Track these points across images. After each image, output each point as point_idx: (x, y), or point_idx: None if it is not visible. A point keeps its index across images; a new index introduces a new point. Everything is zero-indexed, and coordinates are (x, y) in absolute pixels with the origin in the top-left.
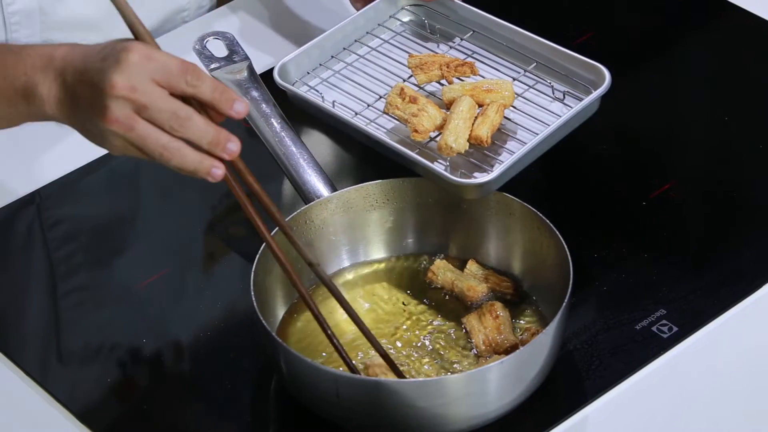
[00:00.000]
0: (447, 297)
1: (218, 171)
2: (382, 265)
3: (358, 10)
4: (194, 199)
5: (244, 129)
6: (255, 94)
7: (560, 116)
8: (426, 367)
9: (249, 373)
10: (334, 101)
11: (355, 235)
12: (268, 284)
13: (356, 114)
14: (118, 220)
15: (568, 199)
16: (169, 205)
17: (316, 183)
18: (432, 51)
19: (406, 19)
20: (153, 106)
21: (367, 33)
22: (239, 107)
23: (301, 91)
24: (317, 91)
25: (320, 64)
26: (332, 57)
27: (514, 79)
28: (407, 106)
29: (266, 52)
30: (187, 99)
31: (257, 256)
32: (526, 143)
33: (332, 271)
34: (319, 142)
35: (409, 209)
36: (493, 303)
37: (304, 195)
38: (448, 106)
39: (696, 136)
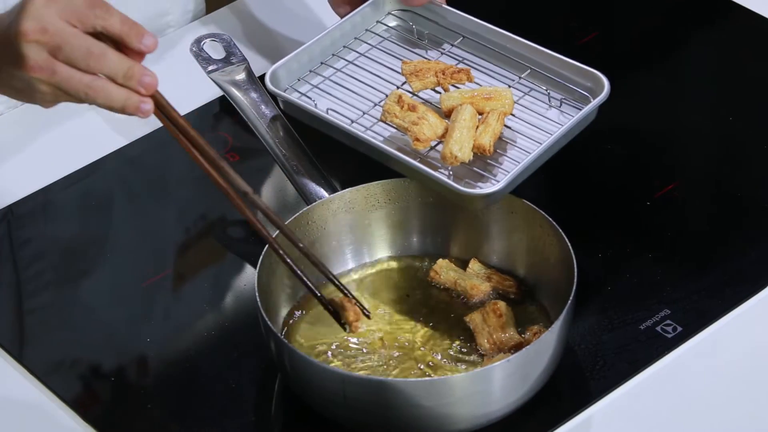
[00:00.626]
0: (451, 296)
1: (146, 105)
2: (385, 265)
3: (340, 14)
4: (193, 199)
5: (242, 127)
6: (254, 95)
7: (560, 124)
8: (430, 366)
9: (253, 374)
10: (328, 109)
11: (357, 236)
12: (273, 285)
13: (352, 122)
14: (117, 223)
15: (572, 199)
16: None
17: (317, 184)
18: (422, 57)
19: (393, 24)
20: (67, 45)
21: (354, 38)
22: (148, 41)
23: (294, 97)
24: (309, 98)
25: (310, 71)
26: (321, 63)
27: (509, 86)
28: (406, 114)
29: (263, 55)
30: (99, 37)
31: (261, 256)
32: (527, 152)
33: (337, 271)
34: (320, 144)
35: (411, 209)
36: (496, 302)
37: (306, 196)
38: (447, 114)
39: (700, 136)
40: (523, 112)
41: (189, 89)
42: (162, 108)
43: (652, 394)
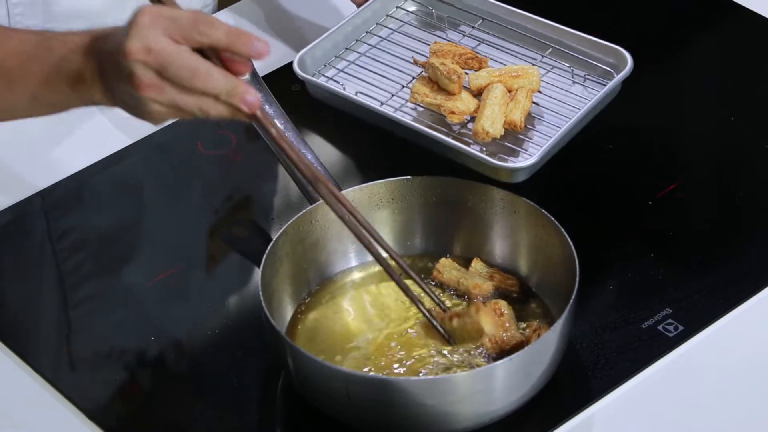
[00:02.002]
0: (453, 295)
1: (251, 97)
2: (389, 264)
3: (357, 2)
4: (197, 199)
5: (246, 126)
6: (258, 95)
7: (586, 99)
8: (434, 364)
9: (256, 373)
10: (357, 92)
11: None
12: (276, 284)
13: (382, 104)
14: (122, 224)
15: (574, 198)
16: (171, 207)
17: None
18: (444, 40)
19: (412, 8)
20: (171, 65)
21: (376, 24)
22: (258, 45)
23: (321, 81)
24: (336, 81)
25: (335, 56)
26: (346, 49)
27: (532, 65)
28: (437, 92)
29: (272, 52)
30: (205, 52)
31: (265, 255)
32: (557, 126)
33: (339, 270)
34: (322, 143)
35: (414, 208)
36: (497, 301)
37: (309, 195)
38: (475, 92)
39: (702, 136)
40: (547, 89)
41: None
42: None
43: (653, 393)
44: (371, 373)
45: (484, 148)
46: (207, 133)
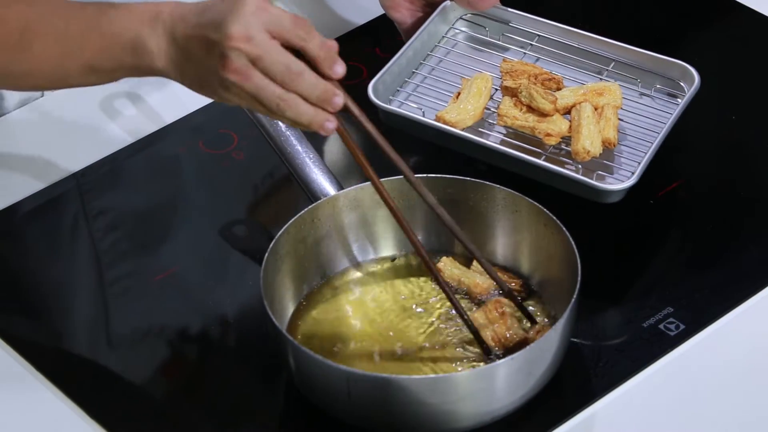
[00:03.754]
0: (455, 294)
1: (330, 125)
2: (391, 263)
3: (395, 18)
4: (197, 198)
5: (247, 125)
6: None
7: (664, 112)
8: (435, 363)
9: (258, 371)
10: (435, 114)
11: (362, 233)
12: (278, 282)
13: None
14: (122, 222)
15: (576, 197)
16: (171, 206)
17: (322, 182)
18: (503, 57)
19: (464, 28)
20: (267, 58)
21: (435, 46)
22: (339, 69)
23: (394, 107)
24: (411, 105)
25: (405, 80)
26: (413, 72)
27: (600, 79)
28: (526, 114)
29: None
30: (296, 53)
31: (266, 253)
32: (646, 141)
33: (341, 268)
34: (324, 141)
35: (416, 207)
36: (498, 299)
37: (311, 194)
38: (562, 112)
39: (703, 135)
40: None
41: None
42: (344, 131)
43: (654, 392)
44: (372, 372)
45: (579, 167)
46: (208, 132)
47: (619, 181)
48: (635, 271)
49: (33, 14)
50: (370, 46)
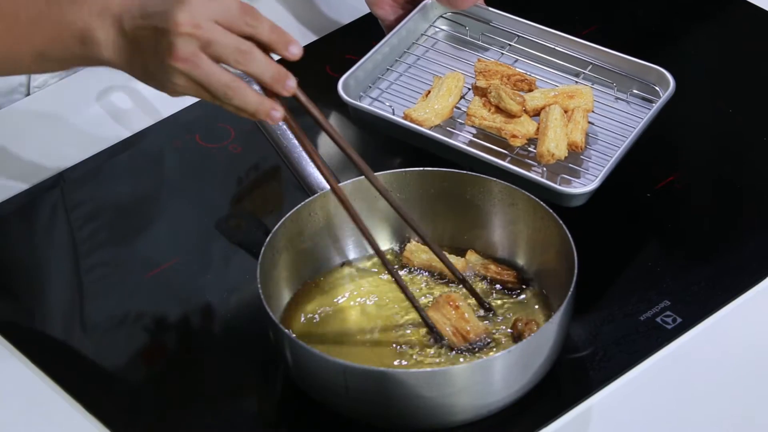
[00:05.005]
0: (435, 278)
1: (277, 113)
2: (387, 256)
3: (379, 15)
4: (195, 192)
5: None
6: (256, 87)
7: (636, 116)
8: (431, 356)
9: (255, 365)
10: (404, 111)
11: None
12: (274, 276)
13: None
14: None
15: None
16: (169, 200)
17: (318, 176)
18: (481, 57)
19: (445, 27)
20: (217, 42)
21: (412, 43)
22: (294, 49)
23: (365, 104)
24: (381, 102)
25: (378, 77)
26: (388, 69)
27: (576, 82)
28: (494, 115)
29: None
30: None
31: (263, 247)
32: (614, 146)
33: (337, 262)
34: (321, 135)
35: (412, 200)
36: (448, 295)
37: (308, 187)
38: (530, 113)
39: (700, 128)
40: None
41: None
42: (290, 120)
43: (651, 385)
44: (369, 365)
45: (544, 170)
46: (205, 126)
47: (582, 185)
48: (632, 264)
49: None
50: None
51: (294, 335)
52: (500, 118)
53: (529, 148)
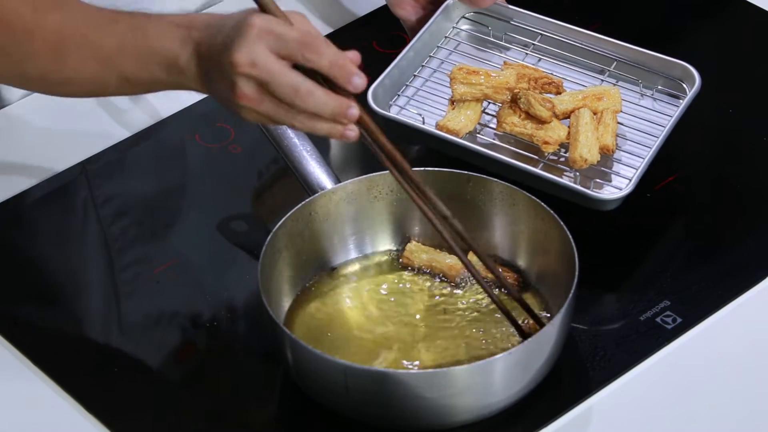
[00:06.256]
0: (436, 279)
1: (352, 133)
2: (388, 256)
3: (401, 16)
4: (195, 192)
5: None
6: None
7: (664, 115)
8: (433, 357)
9: (255, 365)
10: (437, 123)
11: (360, 226)
12: (275, 276)
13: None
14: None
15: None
16: (168, 200)
17: (319, 175)
18: (504, 58)
19: (466, 27)
20: (274, 81)
21: (437, 47)
22: (357, 81)
23: (393, 113)
24: (410, 111)
25: (405, 84)
26: (414, 76)
27: (602, 81)
28: (525, 121)
29: None
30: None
31: (263, 247)
32: (645, 146)
33: (339, 262)
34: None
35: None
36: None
37: (308, 187)
38: (560, 117)
39: (701, 128)
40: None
41: None
42: (369, 132)
43: (652, 385)
44: (370, 366)
45: (577, 174)
46: (205, 126)
47: (617, 189)
48: (632, 265)
49: (69, 25)
50: (367, 40)
51: (294, 335)
52: (531, 124)
53: (561, 153)
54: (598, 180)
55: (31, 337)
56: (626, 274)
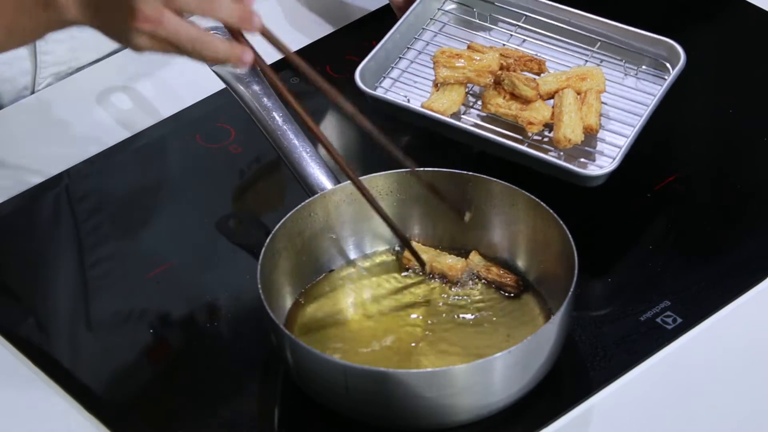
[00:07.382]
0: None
1: (248, 56)
2: (388, 257)
3: (396, 3)
4: (195, 192)
5: (245, 119)
6: (256, 88)
7: (647, 94)
8: (433, 356)
9: (255, 365)
10: (422, 103)
11: (359, 227)
12: (275, 276)
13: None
14: (120, 218)
15: (573, 191)
16: (169, 200)
17: (319, 176)
18: (490, 39)
19: (451, 7)
20: None
21: (422, 29)
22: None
23: (379, 93)
24: (396, 92)
25: (391, 66)
26: (400, 57)
27: (586, 61)
28: (509, 102)
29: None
30: None
31: (263, 248)
32: (629, 124)
33: (338, 262)
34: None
35: (413, 201)
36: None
37: (308, 188)
38: (545, 98)
39: (701, 128)
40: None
41: (192, 82)
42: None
43: (652, 385)
44: (370, 366)
45: (561, 153)
46: (205, 126)
47: (599, 167)
48: (632, 265)
49: None
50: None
51: (294, 336)
52: (515, 105)
53: (545, 133)
54: (582, 159)
55: (32, 338)
56: (626, 274)
